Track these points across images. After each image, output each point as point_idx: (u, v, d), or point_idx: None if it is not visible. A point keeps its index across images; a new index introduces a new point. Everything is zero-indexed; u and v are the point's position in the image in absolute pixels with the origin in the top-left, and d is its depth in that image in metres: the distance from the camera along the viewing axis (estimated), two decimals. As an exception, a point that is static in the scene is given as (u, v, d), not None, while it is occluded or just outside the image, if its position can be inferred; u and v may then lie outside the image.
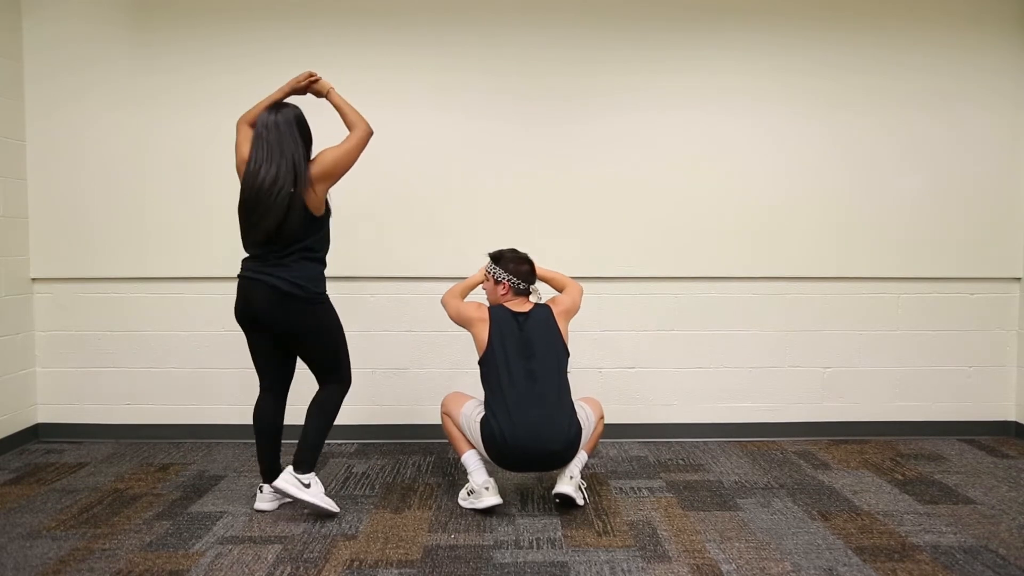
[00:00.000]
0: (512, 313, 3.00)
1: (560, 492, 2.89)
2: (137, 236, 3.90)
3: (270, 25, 3.84)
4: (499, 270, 3.05)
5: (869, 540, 2.69)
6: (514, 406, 2.80)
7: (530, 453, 2.78)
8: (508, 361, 2.88)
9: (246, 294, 2.81)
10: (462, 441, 2.98)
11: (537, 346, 2.92)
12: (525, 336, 2.94)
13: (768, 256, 3.97)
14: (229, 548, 2.62)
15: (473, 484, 2.94)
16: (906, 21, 3.93)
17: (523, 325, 2.96)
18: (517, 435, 2.76)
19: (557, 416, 2.82)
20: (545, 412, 2.81)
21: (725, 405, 4.03)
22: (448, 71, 3.87)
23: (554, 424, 2.80)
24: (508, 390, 2.83)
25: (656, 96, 3.91)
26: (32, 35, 3.84)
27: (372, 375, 3.97)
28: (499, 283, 3.06)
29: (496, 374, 2.88)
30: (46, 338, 3.95)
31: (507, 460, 2.83)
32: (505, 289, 3.05)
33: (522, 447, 2.77)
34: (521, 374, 2.86)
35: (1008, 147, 4.00)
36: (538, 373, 2.87)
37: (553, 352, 2.94)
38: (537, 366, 2.88)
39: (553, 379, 2.89)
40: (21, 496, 3.13)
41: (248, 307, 2.81)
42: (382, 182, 3.87)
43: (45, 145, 3.87)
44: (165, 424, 3.96)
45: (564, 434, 2.81)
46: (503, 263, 3.06)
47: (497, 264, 3.07)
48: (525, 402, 2.81)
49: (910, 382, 4.07)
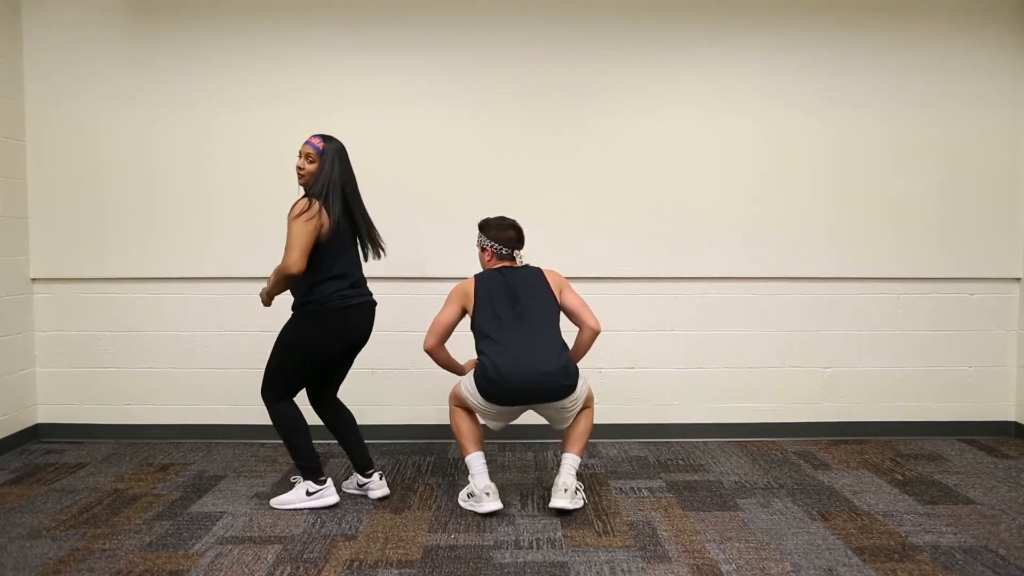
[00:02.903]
0: (496, 270, 3.05)
1: (555, 507, 2.89)
2: (137, 236, 3.90)
3: (270, 25, 3.84)
4: (483, 237, 3.11)
5: (869, 540, 2.69)
6: (504, 341, 2.87)
7: (524, 378, 2.80)
8: (496, 308, 2.94)
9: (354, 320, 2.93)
10: (468, 440, 2.98)
11: (522, 292, 2.98)
12: (510, 285, 2.99)
13: (768, 256, 3.97)
14: (229, 548, 2.62)
15: (474, 487, 2.94)
16: (906, 21, 3.92)
17: (508, 277, 3.02)
18: (509, 362, 2.82)
19: (547, 343, 2.88)
20: (535, 340, 2.88)
21: (725, 405, 4.03)
22: (448, 71, 3.87)
23: (545, 349, 2.86)
24: (498, 332, 2.90)
25: (657, 96, 3.91)
26: (32, 35, 3.84)
27: (372, 375, 3.97)
28: (484, 250, 3.11)
29: (486, 321, 2.93)
30: (46, 338, 3.95)
31: (502, 391, 2.83)
32: (489, 255, 3.09)
33: (514, 372, 2.80)
34: (510, 316, 2.93)
35: (1008, 147, 4.00)
36: (526, 313, 2.94)
37: (540, 297, 2.99)
38: (524, 308, 2.95)
39: (541, 318, 2.94)
40: (21, 496, 3.13)
41: (354, 333, 2.95)
42: (381, 183, 3.87)
43: (45, 145, 3.88)
44: (165, 424, 3.96)
45: (555, 360, 2.85)
46: (487, 230, 3.11)
47: (482, 232, 3.12)
48: (514, 336, 2.88)
49: (910, 382, 4.07)
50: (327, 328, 2.87)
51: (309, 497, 2.97)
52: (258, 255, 3.87)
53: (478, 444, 2.98)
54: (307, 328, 2.88)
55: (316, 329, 2.87)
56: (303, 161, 2.86)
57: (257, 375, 3.94)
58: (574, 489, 2.94)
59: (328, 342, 2.89)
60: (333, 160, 2.86)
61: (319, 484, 2.98)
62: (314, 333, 2.87)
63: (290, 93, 3.85)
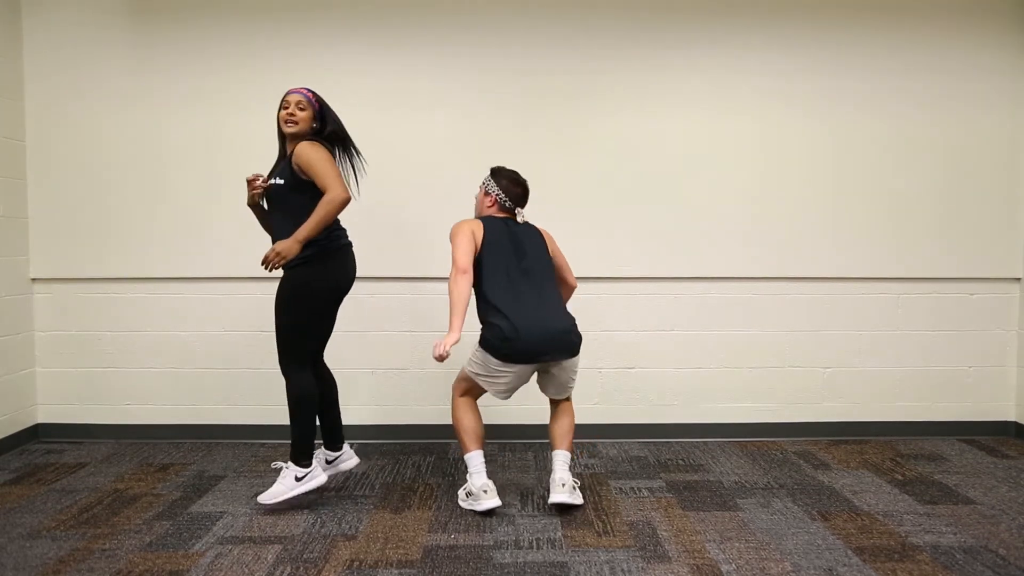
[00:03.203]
0: (501, 219, 3.05)
1: (556, 502, 2.90)
2: (137, 236, 3.90)
3: (270, 25, 3.84)
4: (492, 182, 3.09)
5: (869, 540, 2.69)
6: (512, 298, 2.89)
7: (540, 332, 2.84)
8: (502, 262, 2.95)
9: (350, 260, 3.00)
10: (470, 436, 2.97)
11: (527, 247, 3.01)
12: (516, 238, 3.02)
13: (768, 256, 3.97)
14: (229, 548, 2.62)
15: (472, 486, 2.94)
16: (906, 21, 3.92)
17: (512, 228, 3.04)
18: (522, 320, 2.83)
19: (554, 300, 2.96)
20: (542, 297, 2.94)
21: (725, 405, 4.03)
22: (448, 71, 3.87)
23: (553, 306, 2.93)
24: (507, 289, 2.91)
25: (657, 96, 3.91)
26: (32, 35, 3.84)
27: (372, 375, 3.97)
28: (488, 195, 3.09)
29: (493, 275, 2.93)
30: (46, 338, 3.95)
31: (520, 349, 2.83)
32: (492, 202, 3.08)
33: (529, 328, 2.83)
34: (516, 272, 2.95)
35: (1008, 147, 4.00)
36: (531, 269, 2.97)
37: (543, 257, 3.04)
38: (529, 264, 2.98)
39: (545, 274, 3.00)
40: (21, 496, 3.13)
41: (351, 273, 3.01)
42: (381, 183, 3.87)
43: (45, 145, 3.88)
44: (165, 424, 3.96)
45: (564, 316, 2.92)
46: (499, 178, 3.09)
47: (494, 177, 3.10)
48: (524, 293, 2.92)
49: (910, 382, 4.07)
50: (335, 267, 2.93)
51: (299, 483, 2.92)
52: (258, 255, 3.87)
53: (479, 442, 2.98)
54: (315, 270, 2.89)
55: (325, 269, 2.90)
56: (294, 108, 2.88)
57: (257, 375, 3.94)
58: (572, 484, 2.95)
59: (337, 281, 2.94)
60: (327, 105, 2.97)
61: (305, 467, 2.94)
62: (323, 273, 2.90)
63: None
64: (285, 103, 2.90)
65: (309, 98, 2.91)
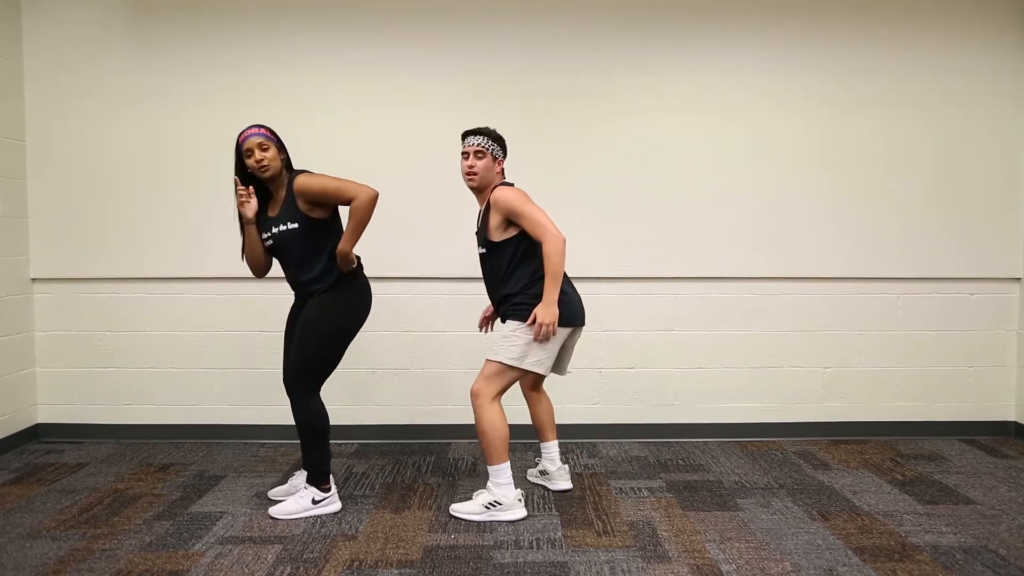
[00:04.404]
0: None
1: (562, 488, 3.16)
2: (137, 236, 3.90)
3: (271, 24, 3.84)
4: (499, 150, 2.97)
5: (869, 540, 2.69)
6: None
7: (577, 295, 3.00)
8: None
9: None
10: (506, 446, 2.85)
11: None
12: None
13: (768, 256, 3.97)
14: (229, 548, 2.62)
15: (503, 496, 2.83)
16: (906, 21, 3.92)
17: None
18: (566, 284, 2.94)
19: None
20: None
21: (725, 405, 4.03)
22: (447, 72, 3.87)
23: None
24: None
25: (656, 96, 3.91)
26: (32, 35, 3.84)
27: (372, 375, 3.97)
28: (497, 160, 2.96)
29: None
30: (46, 338, 3.95)
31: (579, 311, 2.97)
32: (499, 168, 2.99)
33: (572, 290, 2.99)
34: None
35: (1008, 147, 4.00)
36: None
37: None
38: None
39: None
40: (21, 496, 3.13)
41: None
42: (381, 183, 3.85)
43: (45, 145, 3.88)
44: (165, 424, 3.96)
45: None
46: (502, 143, 2.99)
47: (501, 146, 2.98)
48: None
49: (910, 382, 4.07)
50: (365, 299, 2.95)
51: (315, 506, 2.91)
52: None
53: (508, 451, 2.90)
54: (350, 302, 2.89)
55: (358, 301, 2.92)
56: (258, 153, 2.74)
57: (257, 375, 3.94)
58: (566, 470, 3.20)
59: (364, 313, 2.95)
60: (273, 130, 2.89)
61: (325, 492, 2.93)
62: (357, 305, 2.92)
63: (290, 93, 3.85)
64: (247, 151, 2.75)
65: (265, 135, 2.78)
